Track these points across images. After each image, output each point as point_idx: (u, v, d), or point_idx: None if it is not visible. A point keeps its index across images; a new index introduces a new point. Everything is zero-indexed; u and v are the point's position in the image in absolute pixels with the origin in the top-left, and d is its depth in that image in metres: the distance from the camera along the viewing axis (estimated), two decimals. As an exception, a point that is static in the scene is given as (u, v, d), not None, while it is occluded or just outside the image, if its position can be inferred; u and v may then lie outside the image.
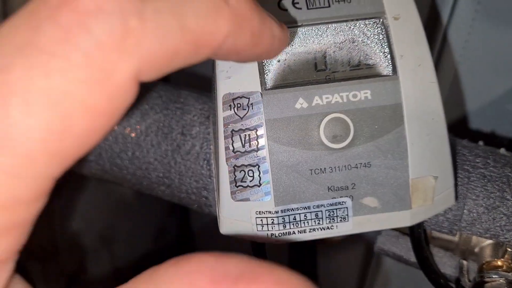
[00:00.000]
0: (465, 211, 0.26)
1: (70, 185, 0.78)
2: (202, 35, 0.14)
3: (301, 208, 0.23)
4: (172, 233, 1.24)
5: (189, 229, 1.14)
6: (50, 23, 0.13)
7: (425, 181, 0.23)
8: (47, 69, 0.12)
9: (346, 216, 0.23)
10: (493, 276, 0.25)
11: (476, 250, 0.27)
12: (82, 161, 0.32)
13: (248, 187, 0.23)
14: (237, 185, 0.23)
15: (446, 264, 0.28)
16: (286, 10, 0.23)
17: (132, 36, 0.13)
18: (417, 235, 0.26)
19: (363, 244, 0.56)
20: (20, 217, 0.13)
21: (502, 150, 0.28)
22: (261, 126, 0.22)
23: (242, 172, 0.23)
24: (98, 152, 0.31)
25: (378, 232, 0.30)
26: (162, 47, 0.14)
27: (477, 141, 0.29)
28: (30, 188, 0.13)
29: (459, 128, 0.43)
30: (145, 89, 0.31)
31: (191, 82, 0.35)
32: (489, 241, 0.27)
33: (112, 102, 0.13)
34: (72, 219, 0.82)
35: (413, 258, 0.27)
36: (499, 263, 0.26)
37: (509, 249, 0.26)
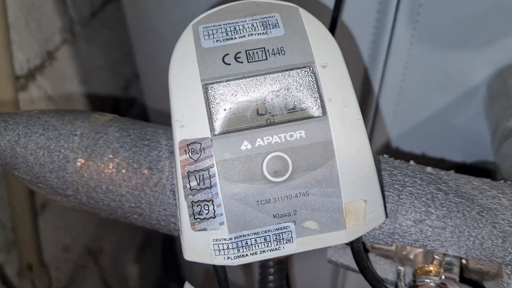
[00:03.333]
0: (396, 225, 0.30)
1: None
2: None
3: (251, 234, 0.27)
4: (157, 243, 1.27)
5: (172, 238, 1.17)
6: None
7: (356, 204, 0.27)
8: None
9: (291, 238, 0.27)
10: (425, 280, 0.29)
11: (411, 257, 0.31)
12: (61, 196, 0.35)
13: (205, 219, 0.26)
14: (195, 217, 0.26)
15: (387, 270, 0.32)
16: (230, 64, 0.27)
17: None
18: (356, 248, 0.29)
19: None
20: None
21: (429, 169, 0.32)
22: (213, 166, 0.26)
23: (199, 206, 0.26)
24: (75, 187, 0.34)
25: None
26: None
27: (415, 159, 0.33)
28: None
29: (403, 145, 0.48)
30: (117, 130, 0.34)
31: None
32: (421, 249, 0.31)
33: None
34: (58, 234, 0.85)
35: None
36: (430, 268, 0.30)
37: (437, 256, 0.30)
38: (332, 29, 0.40)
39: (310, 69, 0.27)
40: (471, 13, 0.39)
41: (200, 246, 0.27)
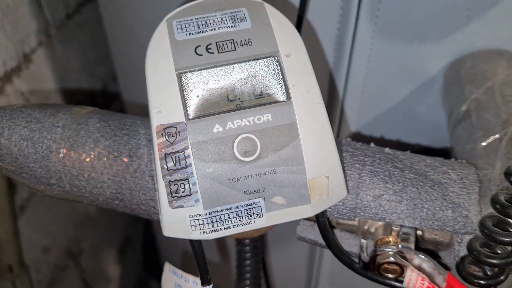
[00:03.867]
0: (358, 200, 0.33)
1: (34, 204, 0.82)
2: None
3: (224, 210, 0.29)
4: (137, 241, 1.28)
5: (152, 235, 1.18)
6: None
7: (319, 180, 0.30)
8: None
9: (261, 212, 0.29)
10: (384, 249, 0.32)
11: (372, 230, 0.34)
12: (45, 185, 0.37)
13: (182, 197, 0.29)
14: (172, 196, 0.29)
15: (351, 244, 0.35)
16: (202, 55, 0.29)
17: None
18: (322, 222, 0.32)
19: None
20: None
21: (387, 149, 0.35)
22: (188, 148, 0.28)
23: (176, 185, 0.29)
24: (59, 176, 0.36)
25: (297, 223, 0.36)
26: None
27: (384, 145, 0.36)
28: None
29: (370, 133, 0.51)
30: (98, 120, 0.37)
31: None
32: (381, 223, 0.34)
33: None
34: (38, 236, 0.86)
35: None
36: (389, 239, 0.33)
37: (395, 228, 0.33)
38: (298, 26, 0.42)
39: (275, 58, 0.30)
40: (426, 11, 0.43)
41: (177, 223, 0.29)
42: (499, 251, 0.29)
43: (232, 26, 0.30)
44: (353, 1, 0.44)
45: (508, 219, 0.28)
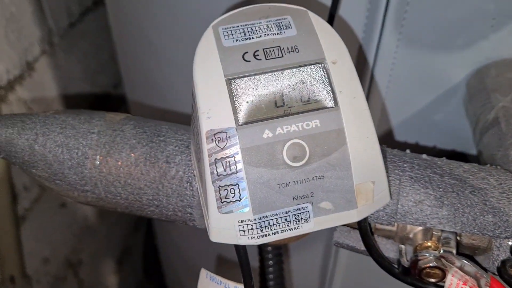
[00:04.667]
0: (398, 206, 0.33)
1: (34, 214, 0.81)
2: None
3: (273, 215, 0.29)
4: (137, 251, 1.27)
5: (154, 245, 1.17)
6: None
7: (366, 185, 0.30)
8: None
9: (309, 218, 0.30)
10: (425, 254, 0.33)
11: (411, 236, 0.35)
12: (79, 192, 0.37)
13: (231, 202, 0.29)
14: (222, 201, 0.29)
15: (389, 249, 0.35)
16: (250, 61, 0.30)
17: None
18: (363, 227, 0.32)
19: (322, 243, 0.63)
20: None
21: (424, 156, 0.35)
22: (238, 153, 0.29)
23: (226, 190, 0.29)
24: (94, 183, 0.36)
25: (334, 229, 0.37)
26: None
27: (405, 149, 0.37)
28: None
29: (391, 139, 0.51)
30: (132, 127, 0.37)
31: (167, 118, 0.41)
32: (420, 228, 0.34)
33: None
34: (38, 247, 0.85)
35: (362, 247, 0.34)
36: (429, 244, 0.33)
37: (435, 233, 0.33)
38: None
39: (322, 65, 0.30)
40: (451, 20, 0.44)
41: (225, 228, 0.29)
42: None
43: (278, 33, 0.31)
44: (379, 11, 0.44)
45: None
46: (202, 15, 0.52)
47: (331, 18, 0.42)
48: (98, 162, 0.36)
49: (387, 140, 0.51)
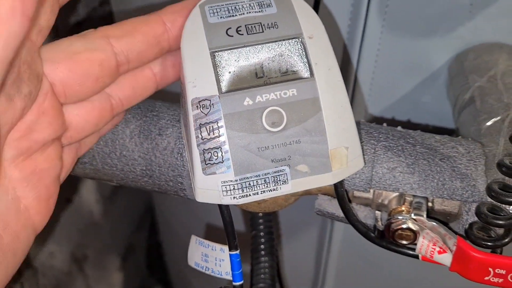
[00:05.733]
0: (373, 173, 0.35)
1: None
2: None
3: (254, 176, 0.32)
4: (141, 248, 1.30)
5: (158, 242, 1.20)
6: None
7: (339, 150, 0.32)
8: None
9: (286, 179, 0.32)
10: (398, 217, 0.35)
11: (386, 202, 0.37)
12: (77, 164, 0.40)
13: (214, 164, 0.31)
14: (206, 163, 0.31)
15: (366, 216, 0.38)
16: (232, 36, 0.32)
17: None
18: (340, 193, 0.35)
19: (316, 228, 0.65)
20: None
21: (399, 128, 0.38)
22: (221, 119, 0.31)
23: (209, 153, 0.31)
24: (92, 155, 0.39)
25: (316, 198, 0.39)
26: None
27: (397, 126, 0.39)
28: None
29: (380, 119, 0.54)
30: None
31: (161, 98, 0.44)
32: (394, 194, 0.36)
33: None
34: (44, 240, 0.87)
35: (342, 214, 0.37)
36: (402, 208, 0.36)
37: (407, 198, 0.36)
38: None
39: (299, 39, 0.33)
40: (432, 8, 0.46)
41: (210, 188, 0.32)
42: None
43: (259, 11, 0.33)
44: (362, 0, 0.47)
45: (513, 183, 0.30)
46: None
47: (316, 5, 0.45)
48: (96, 135, 0.38)
49: (377, 121, 0.54)
